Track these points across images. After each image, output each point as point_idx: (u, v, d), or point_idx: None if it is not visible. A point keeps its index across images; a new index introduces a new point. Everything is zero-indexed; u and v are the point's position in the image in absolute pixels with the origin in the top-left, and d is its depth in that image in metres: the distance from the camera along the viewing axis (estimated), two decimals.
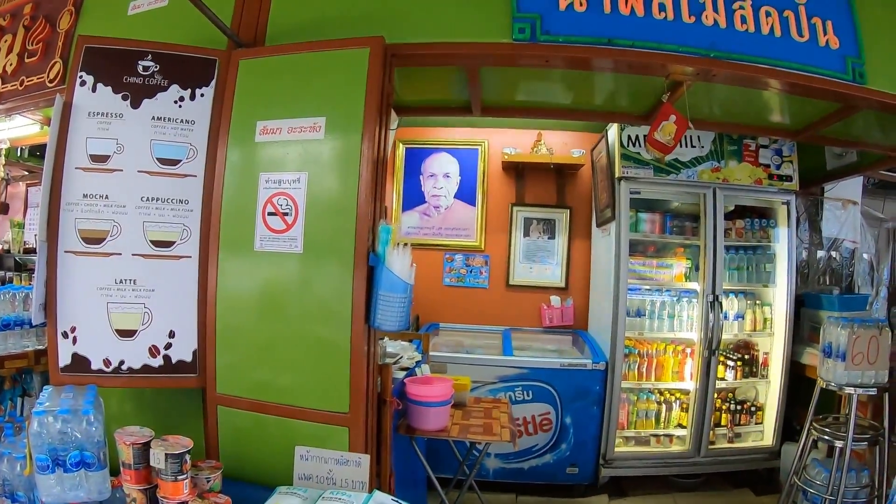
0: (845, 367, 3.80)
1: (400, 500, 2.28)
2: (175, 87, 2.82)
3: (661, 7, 2.79)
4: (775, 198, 5.05)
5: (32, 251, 4.98)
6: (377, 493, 2.30)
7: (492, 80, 3.51)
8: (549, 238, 5.72)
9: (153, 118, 2.78)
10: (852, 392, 3.77)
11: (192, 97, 2.82)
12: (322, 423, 2.61)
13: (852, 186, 5.66)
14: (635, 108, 3.99)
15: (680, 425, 5.06)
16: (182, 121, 2.80)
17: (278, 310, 2.68)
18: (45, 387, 2.58)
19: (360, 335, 2.57)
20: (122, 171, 2.74)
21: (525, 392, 4.74)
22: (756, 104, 3.93)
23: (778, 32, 2.88)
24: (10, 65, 3.78)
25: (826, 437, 3.90)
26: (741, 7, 2.84)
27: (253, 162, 2.73)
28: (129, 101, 2.77)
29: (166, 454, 2.22)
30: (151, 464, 2.25)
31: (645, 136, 4.65)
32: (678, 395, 5.09)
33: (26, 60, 3.69)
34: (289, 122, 2.70)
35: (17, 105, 3.92)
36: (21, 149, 5.63)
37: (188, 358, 2.78)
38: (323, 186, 2.63)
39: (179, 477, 2.24)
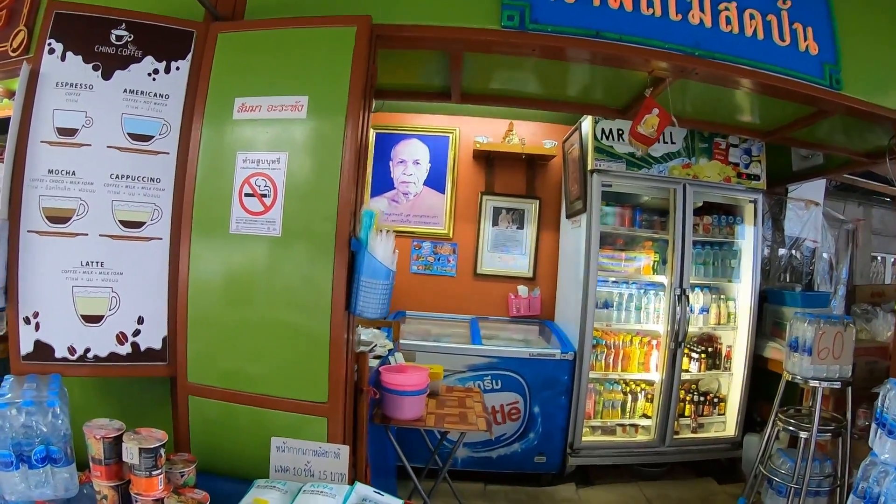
0: (811, 361, 3.82)
1: (381, 492, 2.16)
2: (149, 59, 2.61)
3: (650, 3, 2.78)
4: (743, 196, 5.03)
5: None
6: (358, 486, 2.17)
7: (474, 67, 3.39)
8: (517, 228, 5.61)
9: (125, 91, 2.57)
10: (817, 385, 3.79)
11: (168, 70, 2.62)
12: (300, 413, 2.47)
13: (815, 188, 5.70)
14: (613, 102, 3.96)
15: (645, 415, 5.02)
16: (156, 94, 2.60)
17: (254, 295, 2.51)
18: (5, 376, 2.38)
19: (340, 322, 2.43)
20: (90, 145, 2.53)
21: (494, 381, 4.64)
22: (731, 103, 3.93)
23: (760, 35, 2.91)
24: None
25: (791, 428, 3.90)
26: (726, 8, 2.85)
27: (230, 140, 2.54)
28: (100, 71, 2.56)
29: (140, 448, 2.05)
30: (124, 459, 2.08)
31: (619, 130, 4.70)
32: (643, 385, 5.05)
33: None
34: (269, 99, 2.52)
35: None
36: None
37: (157, 345, 2.59)
38: (303, 168, 2.47)
39: (154, 472, 2.08)
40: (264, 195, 2.46)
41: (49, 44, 2.57)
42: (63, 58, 2.56)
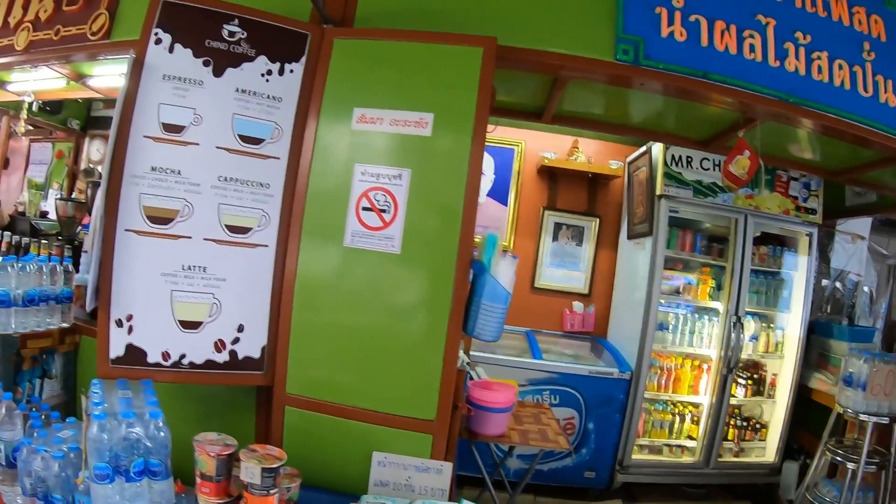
0: (864, 396, 3.77)
1: None
2: (263, 59, 2.44)
3: (752, 48, 2.73)
4: (799, 228, 4.92)
5: (46, 216, 4.49)
6: (464, 503, 2.08)
7: (574, 92, 3.27)
8: (576, 244, 5.45)
9: (237, 90, 2.40)
10: (867, 420, 3.75)
11: (281, 72, 2.46)
12: (405, 429, 2.36)
13: (862, 222, 5.58)
14: (696, 134, 3.91)
15: (690, 437, 4.92)
16: (269, 96, 2.43)
17: (364, 310, 2.36)
18: (94, 381, 2.21)
19: (454, 343, 2.30)
20: (198, 144, 2.36)
21: (553, 396, 4.54)
22: (805, 143, 3.88)
23: (847, 85, 2.86)
24: (45, 11, 3.35)
25: (839, 459, 3.83)
26: (818, 57, 2.80)
27: (347, 150, 2.39)
28: (210, 67, 2.38)
29: (262, 468, 1.91)
30: (242, 477, 1.94)
31: (688, 157, 4.63)
32: (690, 407, 4.94)
33: (64, 8, 3.26)
34: (391, 113, 2.36)
35: (49, 56, 3.48)
36: (32, 103, 5.10)
37: (256, 354, 2.43)
38: (426, 185, 2.32)
39: (272, 491, 1.95)
40: (384, 210, 2.31)
41: (156, 33, 2.37)
42: (171, 49, 2.37)
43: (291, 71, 2.46)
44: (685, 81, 2.68)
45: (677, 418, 4.89)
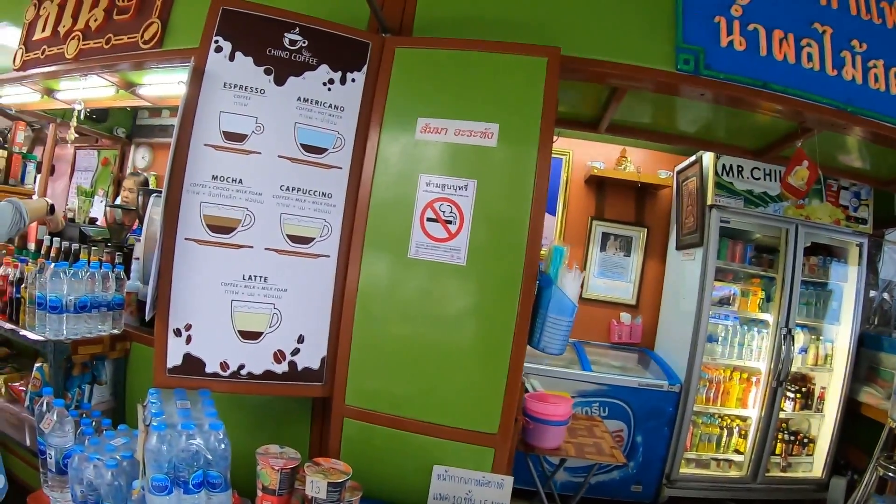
0: None
1: None
2: (324, 68, 2.41)
3: (809, 57, 2.67)
4: (850, 238, 4.78)
5: (94, 222, 4.49)
6: None
7: (629, 102, 3.21)
8: (624, 255, 5.34)
9: (299, 99, 2.37)
10: None
11: (343, 81, 2.42)
12: (466, 442, 2.31)
13: None
14: (751, 143, 3.87)
15: (737, 451, 4.79)
16: (331, 105, 2.40)
17: (428, 323, 2.32)
18: (151, 390, 2.19)
19: (520, 356, 2.25)
20: (260, 153, 2.33)
21: (602, 408, 4.45)
22: (861, 153, 3.82)
23: None
24: (95, 20, 3.38)
25: (891, 475, 3.62)
26: (874, 66, 2.73)
27: (411, 161, 2.35)
28: (272, 76, 2.36)
29: (329, 483, 1.89)
30: (307, 492, 1.92)
31: (739, 166, 4.51)
32: (738, 421, 4.81)
33: (115, 17, 3.29)
34: (456, 123, 2.31)
35: (100, 64, 3.49)
36: (80, 110, 5.13)
37: (315, 365, 2.40)
38: (493, 197, 2.27)
39: None
40: (449, 221, 2.26)
41: (216, 41, 2.36)
42: (232, 58, 2.35)
43: (353, 80, 2.43)
44: (745, 91, 2.62)
45: (725, 432, 4.77)
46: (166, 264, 2.26)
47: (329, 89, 2.39)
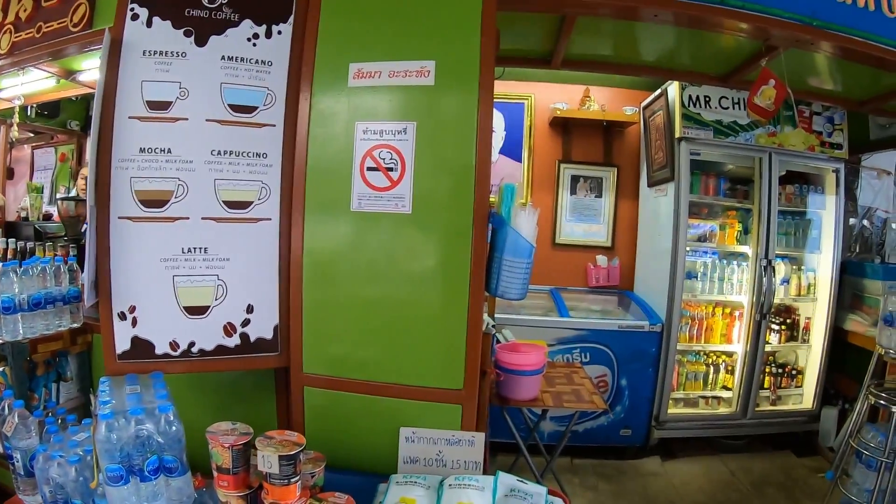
0: None
1: (524, 480, 1.90)
2: (248, 23, 2.24)
3: None
4: (825, 165, 4.67)
5: (50, 218, 4.36)
6: (501, 475, 1.91)
7: (583, 32, 3.07)
8: (595, 196, 5.21)
9: (223, 58, 2.21)
10: None
11: (269, 34, 2.25)
12: (431, 401, 2.19)
13: (888, 156, 5.29)
14: (713, 69, 3.76)
15: (725, 387, 4.74)
16: (257, 61, 2.24)
17: (380, 278, 2.18)
18: (101, 379, 2.08)
19: (478, 305, 2.11)
20: (186, 119, 2.17)
21: (583, 354, 4.36)
22: (832, 73, 3.69)
23: (872, 6, 2.69)
24: (24, 10, 3.22)
25: (882, 402, 3.57)
26: None
27: (346, 110, 2.18)
28: (192, 37, 2.20)
29: (280, 456, 1.75)
30: (259, 468, 1.79)
31: (706, 96, 4.35)
32: (724, 357, 4.75)
33: (43, 4, 3.14)
34: (390, 64, 2.15)
35: (34, 55, 3.35)
36: (30, 107, 4.95)
37: (269, 335, 2.27)
38: (434, 138, 2.11)
39: (293, 479, 1.79)
40: (390, 169, 2.11)
41: (132, 9, 2.20)
42: (149, 23, 2.19)
43: (279, 32, 2.26)
44: (703, 10, 2.50)
45: (711, 369, 4.71)
46: (102, 246, 2.13)
47: (254, 45, 2.23)
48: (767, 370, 4.77)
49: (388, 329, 2.19)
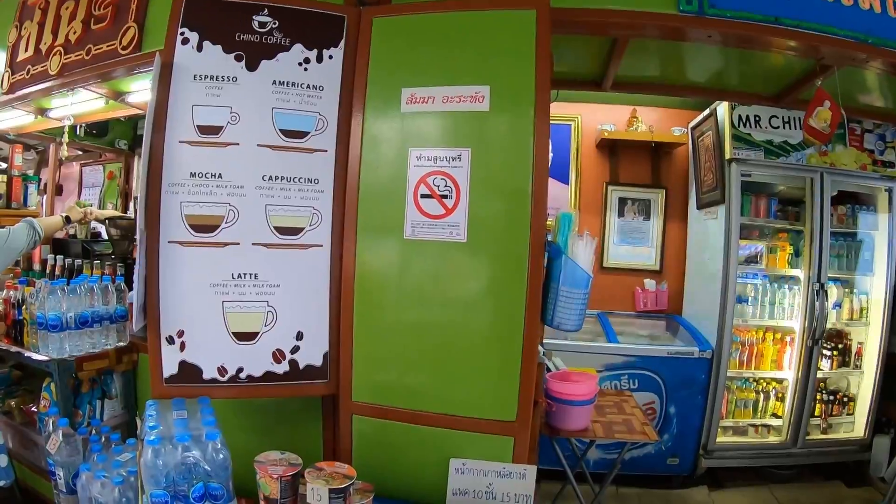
0: None
1: None
2: (298, 47, 2.24)
3: None
4: (878, 184, 4.50)
5: (98, 237, 4.41)
6: None
7: (633, 54, 3.01)
8: (643, 219, 5.09)
9: (274, 82, 2.21)
10: None
11: (319, 59, 2.25)
12: (483, 432, 2.13)
13: None
14: (766, 89, 3.60)
15: (774, 415, 4.57)
16: (309, 86, 2.23)
17: (433, 306, 2.14)
18: (148, 402, 2.09)
19: (533, 335, 2.06)
20: (237, 144, 2.18)
21: (631, 381, 4.25)
22: (883, 90, 3.55)
23: None
24: (74, 33, 3.28)
25: None
26: None
27: (399, 135, 2.17)
28: (243, 62, 2.20)
29: (330, 490, 1.72)
30: (309, 501, 1.76)
31: (756, 116, 4.23)
32: (774, 384, 4.58)
33: (93, 27, 3.18)
34: (443, 89, 2.12)
35: (84, 77, 3.40)
36: (79, 126, 5.03)
37: (318, 362, 2.25)
38: (489, 165, 2.07)
39: None
40: (444, 196, 2.07)
41: (182, 33, 2.22)
42: (199, 48, 2.20)
43: (331, 57, 2.26)
44: (755, 29, 2.42)
45: (761, 396, 4.54)
46: (151, 270, 2.13)
47: (305, 69, 2.23)
48: (818, 397, 4.58)
49: (439, 357, 2.15)
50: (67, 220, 3.37)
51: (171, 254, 2.14)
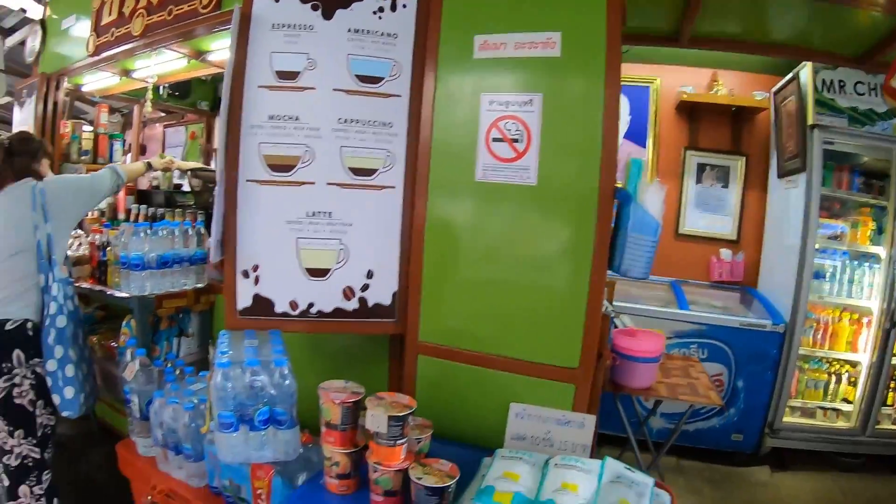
0: None
1: (631, 468, 1.81)
2: None
3: None
4: None
5: (180, 189, 4.64)
6: (609, 460, 1.82)
7: (713, 8, 2.97)
8: (722, 186, 4.96)
9: (349, 30, 2.28)
10: None
11: (393, 8, 2.30)
12: (544, 378, 2.15)
13: None
14: (848, 49, 3.56)
15: (845, 400, 4.41)
16: (383, 34, 2.29)
17: (501, 249, 2.17)
18: (221, 332, 2.20)
19: (599, 282, 2.06)
20: (314, 89, 2.26)
21: (700, 350, 4.18)
22: None
23: None
24: None
25: None
26: None
27: (471, 81, 2.19)
28: (319, 11, 2.27)
29: (389, 416, 1.76)
30: (367, 426, 1.80)
31: (840, 81, 4.03)
32: (847, 367, 4.42)
33: None
34: (515, 35, 2.13)
35: (165, 37, 3.63)
36: (161, 88, 5.24)
37: (387, 301, 2.33)
38: (560, 110, 2.08)
39: (399, 441, 1.79)
40: (515, 140, 2.10)
41: None
42: None
43: (404, 6, 2.31)
44: None
45: (833, 378, 4.38)
46: (230, 207, 2.25)
47: (380, 17, 2.28)
48: (892, 385, 4.37)
49: (506, 301, 2.18)
50: (149, 166, 3.50)
51: (248, 192, 2.24)
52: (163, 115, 6.19)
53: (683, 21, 3.13)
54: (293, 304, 2.28)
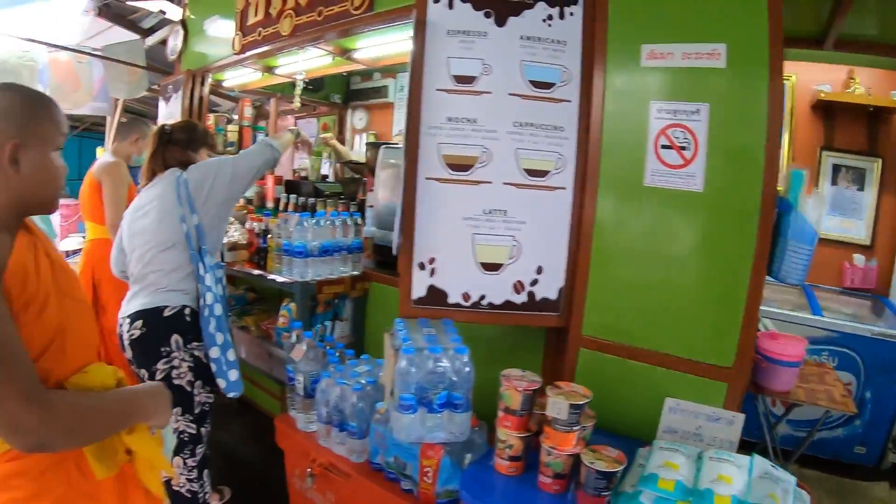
0: None
1: (776, 466, 1.89)
2: (542, 5, 2.45)
3: None
4: None
5: (325, 179, 4.95)
6: (757, 458, 1.92)
7: (859, 10, 2.98)
8: (857, 189, 4.82)
9: (521, 37, 2.44)
10: None
11: (562, 16, 2.45)
12: (699, 375, 2.25)
13: None
14: None
15: None
16: (553, 41, 2.44)
17: (664, 251, 2.29)
18: (397, 319, 2.41)
19: (758, 286, 2.15)
20: (490, 93, 2.44)
21: (831, 358, 4.14)
22: None
23: None
24: None
25: None
26: None
27: (639, 88, 2.32)
28: (492, 18, 2.45)
29: (570, 404, 1.93)
30: (548, 413, 1.97)
31: None
32: None
33: None
34: (682, 46, 2.24)
35: (314, 36, 3.84)
36: (303, 80, 5.59)
37: (553, 296, 2.49)
38: (724, 120, 2.18)
39: (574, 428, 1.95)
40: (683, 147, 2.23)
41: None
42: (451, 5, 2.46)
43: (571, 14, 2.44)
44: None
45: None
46: (409, 203, 2.44)
47: (549, 25, 2.43)
48: None
49: (665, 299, 2.29)
50: (298, 134, 3.48)
51: (427, 189, 2.44)
52: (300, 105, 6.58)
53: (830, 23, 3.13)
54: (465, 296, 2.48)
